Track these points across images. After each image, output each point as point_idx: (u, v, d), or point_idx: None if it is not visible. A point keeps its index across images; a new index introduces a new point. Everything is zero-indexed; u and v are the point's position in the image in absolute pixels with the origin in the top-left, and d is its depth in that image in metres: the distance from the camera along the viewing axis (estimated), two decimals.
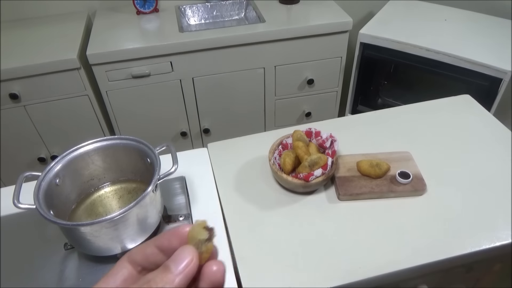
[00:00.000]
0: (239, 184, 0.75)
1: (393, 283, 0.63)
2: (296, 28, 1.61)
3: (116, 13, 1.77)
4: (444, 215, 0.67)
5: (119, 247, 0.57)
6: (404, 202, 0.70)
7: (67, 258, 0.62)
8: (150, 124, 1.74)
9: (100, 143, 0.64)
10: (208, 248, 0.28)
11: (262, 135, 0.87)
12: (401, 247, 0.62)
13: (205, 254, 0.28)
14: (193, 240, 0.28)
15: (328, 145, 0.73)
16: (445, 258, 0.61)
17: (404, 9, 1.86)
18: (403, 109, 0.95)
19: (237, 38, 1.57)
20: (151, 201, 0.58)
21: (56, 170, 0.60)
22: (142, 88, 1.62)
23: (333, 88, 1.86)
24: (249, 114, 1.84)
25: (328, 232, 0.65)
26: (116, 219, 0.53)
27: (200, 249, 0.28)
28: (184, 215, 0.68)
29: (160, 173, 0.57)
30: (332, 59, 1.75)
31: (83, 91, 1.54)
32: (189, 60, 1.59)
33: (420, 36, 1.59)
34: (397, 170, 0.71)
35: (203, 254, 0.28)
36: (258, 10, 1.75)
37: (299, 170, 0.69)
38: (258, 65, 1.68)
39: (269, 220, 0.68)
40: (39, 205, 0.53)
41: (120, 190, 0.68)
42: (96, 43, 1.52)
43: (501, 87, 1.43)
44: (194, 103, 1.73)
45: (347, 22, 1.65)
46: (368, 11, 2.10)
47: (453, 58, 1.48)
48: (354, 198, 0.70)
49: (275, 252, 0.62)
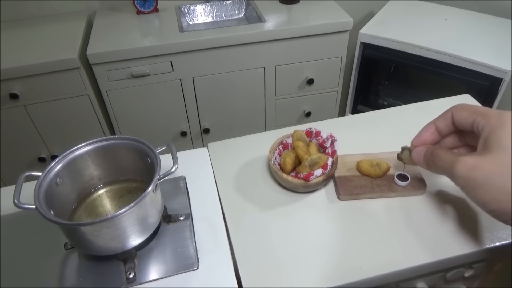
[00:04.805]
0: (239, 184, 0.75)
1: (393, 283, 0.63)
2: (296, 28, 1.62)
3: (116, 13, 1.77)
4: (444, 215, 0.67)
5: (119, 247, 0.57)
6: (405, 201, 0.70)
7: (67, 258, 0.62)
8: (150, 123, 1.74)
9: (100, 143, 0.64)
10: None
11: (262, 134, 0.87)
12: (401, 247, 0.62)
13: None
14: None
15: (328, 145, 0.73)
16: (445, 258, 0.61)
17: (404, 9, 1.86)
18: (403, 108, 0.95)
19: (237, 38, 1.57)
20: (151, 201, 0.58)
21: (56, 170, 0.60)
22: (142, 88, 1.62)
23: (333, 88, 1.86)
24: (249, 114, 1.84)
25: (328, 232, 0.65)
26: (116, 219, 0.53)
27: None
28: (184, 214, 0.68)
29: (161, 173, 0.57)
30: (332, 59, 1.75)
31: (83, 91, 1.54)
32: (189, 60, 1.59)
33: (420, 36, 1.59)
34: (395, 172, 0.72)
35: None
36: (258, 10, 1.75)
37: (299, 170, 0.69)
38: (258, 65, 1.68)
39: (269, 219, 0.68)
40: (40, 205, 0.53)
41: (120, 190, 0.68)
42: (96, 43, 1.53)
43: (501, 87, 1.43)
44: (194, 102, 1.73)
45: (347, 22, 1.65)
46: (368, 11, 2.10)
47: (453, 58, 1.48)
48: (354, 197, 0.70)
49: (275, 252, 0.63)
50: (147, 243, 0.63)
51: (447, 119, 0.53)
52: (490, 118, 0.46)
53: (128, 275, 0.58)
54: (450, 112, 0.53)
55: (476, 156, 0.45)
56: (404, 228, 0.65)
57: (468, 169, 0.44)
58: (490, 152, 0.44)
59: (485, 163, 0.43)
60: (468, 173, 0.44)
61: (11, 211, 0.70)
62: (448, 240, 0.63)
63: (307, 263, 0.61)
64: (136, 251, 0.61)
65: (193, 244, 0.63)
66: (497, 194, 0.42)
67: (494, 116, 0.46)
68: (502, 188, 0.42)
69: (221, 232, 0.66)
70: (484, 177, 0.43)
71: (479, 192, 0.43)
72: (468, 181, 0.44)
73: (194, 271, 0.60)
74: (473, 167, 0.43)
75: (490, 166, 0.43)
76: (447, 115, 0.53)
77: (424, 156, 0.54)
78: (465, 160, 0.44)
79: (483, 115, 0.47)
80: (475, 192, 0.44)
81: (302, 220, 0.68)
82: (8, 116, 1.51)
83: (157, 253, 0.62)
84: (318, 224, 0.67)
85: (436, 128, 0.56)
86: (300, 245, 0.63)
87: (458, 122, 0.52)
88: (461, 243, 0.62)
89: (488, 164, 0.43)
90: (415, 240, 0.63)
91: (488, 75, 1.43)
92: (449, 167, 0.46)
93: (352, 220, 0.67)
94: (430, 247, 0.62)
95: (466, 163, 0.44)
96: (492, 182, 0.42)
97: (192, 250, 0.62)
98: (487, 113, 0.47)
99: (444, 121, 0.54)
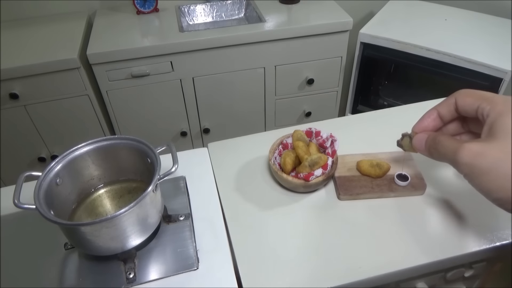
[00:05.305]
0: (239, 184, 0.75)
1: (393, 283, 0.63)
2: (296, 28, 1.62)
3: (116, 13, 1.77)
4: (444, 215, 0.67)
5: (119, 247, 0.57)
6: (405, 201, 0.70)
7: (67, 258, 0.62)
8: (150, 123, 1.74)
9: (100, 143, 0.64)
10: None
11: (262, 134, 0.87)
12: (401, 247, 0.62)
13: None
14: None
15: (328, 145, 0.73)
16: (445, 258, 0.61)
17: (404, 9, 1.86)
18: (404, 108, 0.95)
19: (237, 38, 1.57)
20: (151, 201, 0.58)
21: (56, 170, 0.60)
22: (143, 88, 1.62)
23: (333, 88, 1.86)
24: (249, 114, 1.84)
25: (328, 232, 0.65)
26: (116, 219, 0.53)
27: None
28: (184, 214, 0.68)
29: (161, 173, 0.57)
30: (332, 59, 1.75)
31: (83, 91, 1.54)
32: (189, 60, 1.59)
33: (420, 35, 1.59)
34: (396, 172, 0.72)
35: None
36: (259, 10, 1.75)
37: (299, 170, 0.69)
38: (258, 65, 1.68)
39: (269, 219, 0.68)
40: (40, 205, 0.53)
41: (120, 190, 0.68)
42: (96, 43, 1.53)
43: (502, 87, 1.43)
44: (194, 102, 1.73)
45: (347, 22, 1.65)
46: (368, 11, 2.10)
47: (453, 58, 1.48)
48: (354, 197, 0.70)
49: (275, 251, 0.63)
50: (147, 243, 0.63)
51: (450, 105, 0.52)
52: (496, 104, 0.45)
53: (128, 275, 0.58)
54: (454, 98, 0.51)
55: (481, 142, 0.43)
56: (404, 228, 0.65)
57: (473, 156, 0.42)
58: (495, 138, 0.42)
59: (491, 150, 0.42)
60: (472, 160, 0.42)
61: (11, 211, 0.70)
62: (448, 240, 0.63)
63: (307, 263, 0.61)
64: (136, 251, 0.61)
65: (193, 244, 0.63)
66: (503, 181, 0.41)
67: (500, 102, 0.45)
68: (508, 176, 0.40)
69: (221, 232, 0.66)
70: (489, 165, 0.41)
71: (484, 180, 0.42)
72: (472, 168, 0.43)
73: (194, 271, 0.60)
74: (478, 154, 0.42)
75: (496, 153, 0.41)
76: (450, 101, 0.52)
77: (426, 143, 0.52)
78: (469, 146, 0.43)
79: (489, 100, 0.46)
80: (480, 180, 0.43)
81: (302, 220, 0.68)
82: (8, 116, 1.51)
83: (157, 253, 0.62)
84: (318, 224, 0.67)
85: (438, 114, 0.54)
86: (300, 245, 0.63)
87: (462, 108, 0.50)
88: (461, 243, 0.62)
89: (494, 151, 0.42)
90: (415, 240, 0.63)
91: (488, 75, 1.43)
92: (452, 154, 0.45)
93: (352, 220, 0.67)
94: (430, 247, 0.62)
95: (470, 150, 0.43)
96: (498, 170, 0.41)
97: (192, 250, 0.62)
98: (493, 99, 0.46)
99: (447, 107, 0.53)
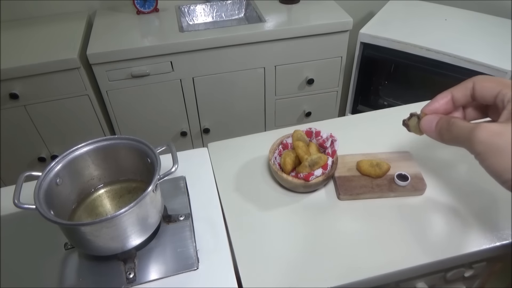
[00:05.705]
0: (239, 184, 0.75)
1: (393, 283, 0.63)
2: (296, 28, 1.61)
3: (116, 13, 1.77)
4: (444, 215, 0.67)
5: (119, 247, 0.57)
6: (405, 201, 0.70)
7: (67, 258, 0.62)
8: (150, 123, 1.74)
9: (100, 143, 0.64)
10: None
11: (262, 135, 0.87)
12: (401, 247, 0.62)
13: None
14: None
15: (328, 145, 0.73)
16: (445, 258, 0.61)
17: (404, 9, 1.86)
18: (404, 108, 0.95)
19: (237, 38, 1.57)
20: (151, 201, 0.58)
21: (56, 170, 0.60)
22: (143, 88, 1.62)
23: (333, 88, 1.86)
24: (249, 114, 1.84)
25: (328, 232, 0.65)
26: (116, 219, 0.53)
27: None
28: (184, 214, 0.68)
29: (161, 173, 0.57)
30: (332, 59, 1.75)
31: (83, 91, 1.54)
32: (189, 60, 1.59)
33: (420, 36, 1.59)
34: (396, 172, 0.72)
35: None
36: (258, 10, 1.75)
37: (299, 170, 0.69)
38: (258, 65, 1.68)
39: (269, 219, 0.68)
40: (40, 205, 0.53)
41: (120, 190, 0.68)
42: (96, 43, 1.53)
43: None
44: (194, 102, 1.73)
45: (347, 22, 1.65)
46: (368, 11, 2.10)
47: (454, 58, 1.48)
48: (354, 197, 0.70)
49: (275, 252, 0.63)
50: (147, 243, 0.63)
51: (467, 90, 0.51)
52: None
53: (128, 275, 0.59)
54: (472, 82, 0.50)
55: (501, 124, 0.43)
56: (404, 228, 0.65)
57: (491, 134, 0.43)
58: None
59: (510, 131, 0.42)
60: (490, 138, 0.42)
61: (11, 211, 0.70)
62: (448, 240, 0.63)
63: (307, 263, 0.61)
64: (136, 251, 0.61)
65: (193, 244, 0.63)
66: None
67: None
68: None
69: (221, 232, 0.66)
70: (506, 143, 0.41)
71: (498, 160, 0.42)
72: (489, 146, 0.43)
73: (194, 271, 0.60)
74: (496, 133, 0.42)
75: None
76: (468, 85, 0.51)
77: (437, 124, 0.51)
78: (488, 126, 0.43)
79: (511, 87, 0.46)
80: (492, 160, 0.43)
81: (302, 220, 0.68)
82: (8, 116, 1.51)
83: (157, 253, 0.62)
84: (318, 224, 0.67)
85: (452, 98, 0.53)
86: (300, 245, 0.64)
87: (480, 93, 0.49)
88: (461, 243, 0.62)
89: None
90: (415, 240, 0.63)
91: (488, 75, 1.43)
92: (468, 133, 0.44)
93: (352, 220, 0.67)
94: (430, 247, 0.62)
95: (488, 129, 0.43)
96: None
97: (192, 250, 0.62)
98: None
99: (462, 91, 0.51)
